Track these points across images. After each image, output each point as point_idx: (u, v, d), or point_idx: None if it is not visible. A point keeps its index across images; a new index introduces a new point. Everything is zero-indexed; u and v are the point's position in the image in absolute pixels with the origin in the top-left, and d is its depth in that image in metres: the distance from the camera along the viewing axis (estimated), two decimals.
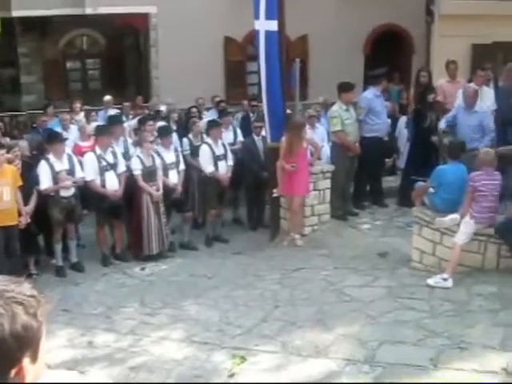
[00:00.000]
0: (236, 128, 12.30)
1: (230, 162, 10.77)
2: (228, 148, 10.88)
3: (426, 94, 11.54)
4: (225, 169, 10.65)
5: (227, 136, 11.67)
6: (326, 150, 11.39)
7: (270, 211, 10.79)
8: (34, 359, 1.53)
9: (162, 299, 8.19)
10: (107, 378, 6.24)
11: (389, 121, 12.09)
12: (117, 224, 10.09)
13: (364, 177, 11.55)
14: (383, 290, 8.00)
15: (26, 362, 1.51)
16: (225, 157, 10.69)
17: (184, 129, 12.50)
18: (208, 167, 10.49)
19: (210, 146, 10.58)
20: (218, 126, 10.91)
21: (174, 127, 12.28)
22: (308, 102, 14.92)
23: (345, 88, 10.99)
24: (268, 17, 9.77)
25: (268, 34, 9.84)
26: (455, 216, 8.09)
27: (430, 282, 7.95)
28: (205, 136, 11.04)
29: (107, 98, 14.71)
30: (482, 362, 6.00)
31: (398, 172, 12.69)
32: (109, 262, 9.79)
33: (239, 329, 7.14)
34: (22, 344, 1.48)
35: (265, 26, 9.86)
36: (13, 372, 1.49)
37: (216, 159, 10.55)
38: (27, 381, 1.53)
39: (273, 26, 9.80)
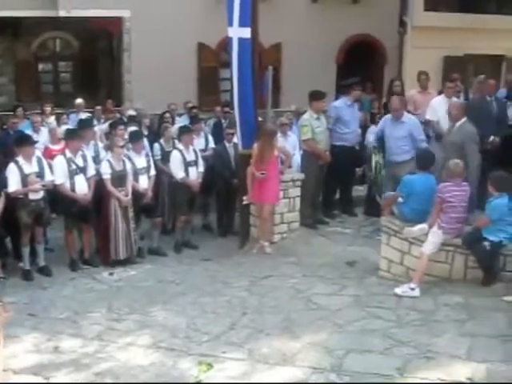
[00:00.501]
0: (207, 134, 12.31)
1: (201, 169, 10.76)
2: (199, 154, 10.86)
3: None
4: (195, 175, 10.63)
5: (199, 142, 11.67)
6: (297, 159, 11.42)
7: (240, 218, 10.80)
8: None
9: (130, 305, 8.14)
10: None
11: (359, 130, 12.12)
12: (85, 228, 10.02)
13: (334, 185, 11.60)
14: (351, 299, 8.02)
15: None
16: (195, 163, 10.67)
17: (155, 134, 12.48)
18: (179, 173, 10.47)
19: (181, 151, 10.56)
20: (189, 132, 10.90)
21: (145, 132, 12.25)
22: (280, 110, 14.98)
23: (315, 96, 11.03)
24: (241, 24, 9.79)
25: (241, 41, 9.86)
26: (423, 226, 8.16)
27: (398, 291, 8.00)
28: (176, 142, 11.03)
29: (78, 101, 14.64)
30: (449, 372, 6.03)
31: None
32: (77, 267, 9.71)
33: (206, 335, 7.11)
34: None
35: (238, 33, 9.88)
36: None
37: (187, 165, 10.53)
38: None
39: (246, 33, 9.83)
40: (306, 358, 6.50)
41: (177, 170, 10.49)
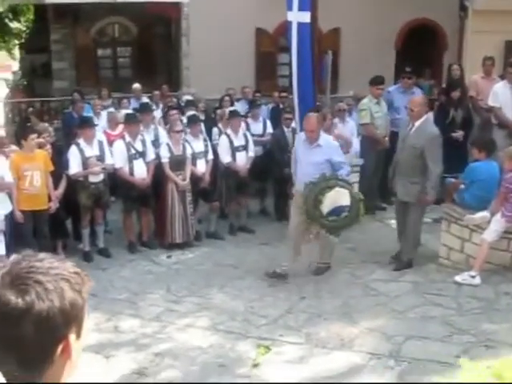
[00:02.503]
0: (266, 119, 12.28)
1: (251, 154, 10.71)
2: (250, 139, 10.83)
3: (450, 89, 11.43)
4: (244, 160, 10.61)
5: (256, 127, 11.67)
6: (355, 144, 11.32)
7: None
8: (78, 336, 1.54)
9: (188, 287, 8.23)
10: (132, 363, 6.28)
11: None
12: (144, 211, 10.12)
13: None
14: (410, 286, 7.97)
15: (71, 338, 1.52)
16: (245, 148, 10.64)
17: (211, 119, 12.52)
18: (225, 158, 10.47)
19: (228, 136, 10.55)
20: (237, 116, 10.88)
21: (202, 117, 12.30)
22: (338, 96, 14.84)
23: (375, 81, 10.94)
24: (301, 8, 9.71)
25: (300, 25, 9.78)
26: (485, 214, 8.01)
27: (458, 278, 7.90)
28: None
29: (136, 85, 14.77)
30: None
31: None
32: (135, 249, 9.84)
33: (264, 319, 7.15)
34: (68, 320, 1.49)
35: (297, 17, 9.81)
36: (59, 348, 1.49)
37: (234, 150, 10.51)
38: (73, 357, 1.54)
39: (305, 17, 9.74)
40: (363, 343, 6.50)
41: (224, 154, 10.49)
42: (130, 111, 11.72)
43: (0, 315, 1.43)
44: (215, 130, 11.36)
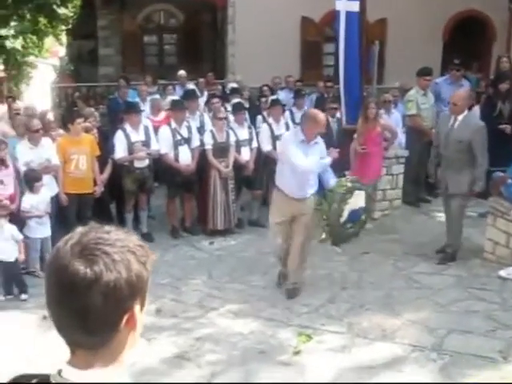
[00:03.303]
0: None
1: None
2: (291, 129, 10.80)
3: (497, 82, 11.24)
4: None
5: (300, 116, 11.63)
6: (400, 136, 11.23)
7: None
8: (142, 308, 1.57)
9: (230, 274, 8.26)
10: (173, 347, 6.33)
11: None
12: (187, 198, 10.18)
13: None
14: (453, 279, 7.89)
15: (136, 309, 1.54)
16: None
17: (255, 107, 12.53)
18: (265, 146, 10.46)
19: (270, 125, 10.54)
20: (278, 105, 10.86)
21: (246, 105, 12.30)
22: (384, 86, 14.73)
23: (422, 72, 10.84)
24: None
25: (349, 14, 9.74)
26: None
27: (503, 273, 7.80)
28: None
29: (181, 72, 14.86)
30: None
31: None
32: (178, 235, 9.91)
33: (306, 307, 7.15)
34: (134, 292, 1.52)
35: (346, 6, 9.77)
36: (125, 318, 1.52)
37: (275, 139, 10.50)
38: (137, 328, 1.58)
39: (354, 6, 9.71)
40: (405, 335, 6.46)
41: (264, 142, 10.48)
42: (176, 97, 11.76)
43: (69, 285, 1.45)
44: (259, 118, 11.37)
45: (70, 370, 1.55)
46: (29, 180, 8.44)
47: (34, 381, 1.61)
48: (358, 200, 7.36)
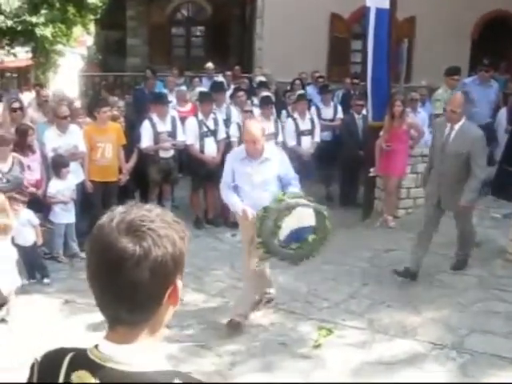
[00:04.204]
0: (337, 105, 12.24)
1: (317, 139, 10.71)
2: (317, 124, 10.80)
3: None
4: (308, 144, 10.60)
5: (327, 112, 11.66)
6: (427, 135, 11.18)
7: (364, 191, 10.71)
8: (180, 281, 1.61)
9: None
10: (194, 336, 6.38)
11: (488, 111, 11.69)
12: (211, 190, 10.22)
13: None
14: (475, 280, 7.85)
15: (179, 284, 1.58)
16: (311, 132, 10.63)
17: (280, 101, 12.54)
18: (290, 141, 10.47)
19: (295, 120, 10.57)
20: (304, 100, 10.87)
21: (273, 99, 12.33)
22: (411, 85, 14.67)
23: (449, 72, 10.80)
24: None
25: (379, 11, 9.70)
26: None
27: None
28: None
29: (209, 64, 14.91)
30: None
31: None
32: (201, 225, 9.96)
33: (326, 302, 7.17)
34: (177, 266, 1.56)
35: (377, 2, 9.73)
36: (168, 291, 1.57)
37: (300, 134, 10.51)
38: (177, 302, 1.62)
39: (385, 3, 9.67)
40: (426, 332, 6.46)
41: (289, 137, 10.50)
42: (204, 89, 11.80)
43: (116, 262, 1.49)
44: (284, 113, 11.39)
45: (108, 344, 1.59)
46: (56, 166, 8.53)
47: (71, 354, 1.65)
48: (302, 218, 6.14)
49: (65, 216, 8.61)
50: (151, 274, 1.50)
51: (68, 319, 6.86)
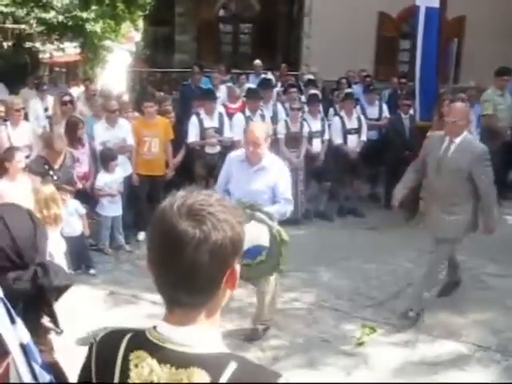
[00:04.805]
0: (382, 104, 12.17)
1: (363, 138, 10.68)
2: (364, 123, 10.76)
3: None
4: (355, 143, 10.57)
5: (372, 111, 11.61)
6: (475, 135, 11.06)
7: (410, 191, 10.61)
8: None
9: (295, 263, 8.26)
10: (237, 330, 6.42)
11: None
12: None
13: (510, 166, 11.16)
14: None
15: (236, 266, 1.62)
16: (357, 131, 10.61)
17: (327, 99, 12.53)
18: (336, 139, 10.46)
19: (341, 118, 10.56)
20: (351, 99, 10.85)
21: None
22: (459, 85, 14.51)
23: (499, 72, 10.71)
24: None
25: (429, 10, 9.65)
26: None
27: None
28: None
29: (257, 61, 14.94)
30: None
31: None
32: None
33: (370, 300, 7.16)
34: (235, 250, 1.60)
35: (426, 2, 9.67)
36: (226, 275, 1.61)
37: (346, 132, 10.49)
38: (234, 286, 1.67)
39: (435, 2, 9.61)
40: (470, 334, 6.42)
41: (335, 136, 10.48)
42: (252, 86, 11.84)
43: (177, 244, 1.54)
44: (331, 111, 11.39)
45: (166, 325, 1.64)
46: (104, 159, 8.66)
47: (130, 335, 1.70)
48: (259, 234, 5.67)
49: (112, 208, 8.74)
50: (211, 256, 1.54)
51: (112, 310, 6.96)
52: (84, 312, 6.68)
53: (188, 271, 1.55)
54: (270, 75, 14.25)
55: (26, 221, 1.99)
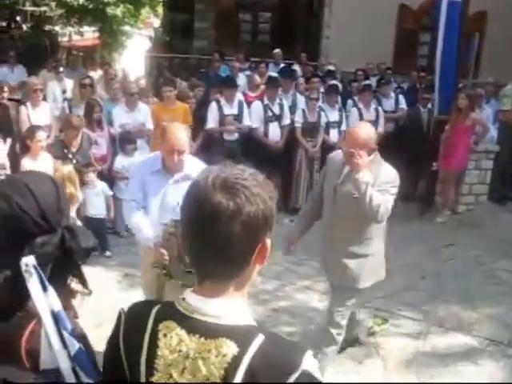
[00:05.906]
0: (399, 96, 12.10)
1: (381, 130, 10.66)
2: (381, 115, 10.75)
3: None
4: None
5: (387, 104, 11.58)
6: (492, 131, 11.05)
7: (425, 185, 10.64)
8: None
9: (309, 251, 8.28)
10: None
11: None
12: (272, 174, 10.26)
13: None
14: None
15: (267, 241, 1.66)
16: (375, 123, 10.59)
17: (346, 91, 12.51)
18: None
19: (359, 110, 10.56)
20: (369, 90, 10.83)
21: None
22: (478, 81, 14.45)
23: None
24: None
25: (451, 3, 9.60)
26: None
27: None
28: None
29: (277, 50, 14.91)
30: None
31: None
32: None
33: (382, 292, 7.15)
34: (267, 224, 1.63)
35: None
36: (257, 249, 1.64)
37: None
38: (264, 262, 1.69)
39: None
40: (482, 328, 6.44)
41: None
42: (273, 74, 11.84)
43: (211, 216, 1.57)
44: (349, 102, 11.38)
45: (195, 297, 1.67)
46: (123, 142, 8.71)
47: (159, 305, 1.74)
48: None
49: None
50: (243, 228, 1.58)
51: (126, 291, 7.02)
52: (98, 293, 6.73)
53: (221, 243, 1.58)
54: (295, 66, 14.24)
55: (49, 186, 2.01)
